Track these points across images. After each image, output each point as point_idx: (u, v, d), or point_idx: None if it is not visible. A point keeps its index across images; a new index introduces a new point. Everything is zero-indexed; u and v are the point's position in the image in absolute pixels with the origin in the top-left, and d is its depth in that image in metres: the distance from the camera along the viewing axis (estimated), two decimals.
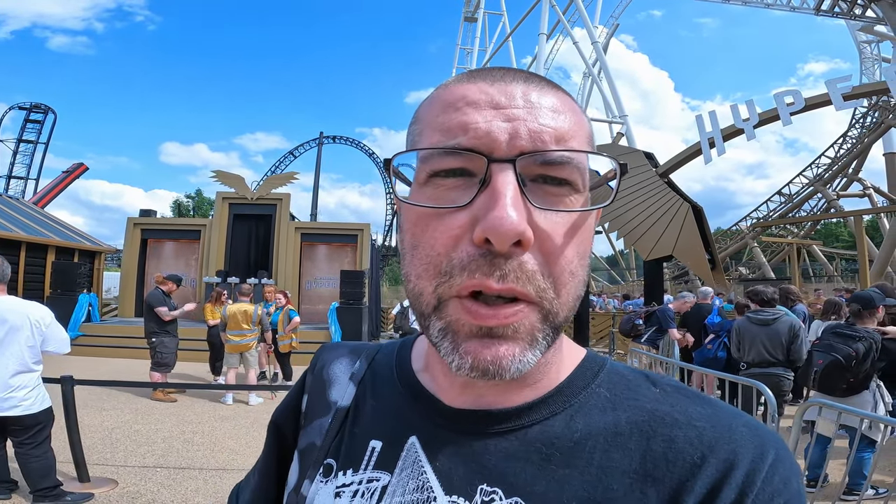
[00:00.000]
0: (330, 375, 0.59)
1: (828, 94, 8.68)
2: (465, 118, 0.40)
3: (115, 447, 4.70)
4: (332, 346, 0.64)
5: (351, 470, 0.50)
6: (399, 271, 9.03)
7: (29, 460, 3.32)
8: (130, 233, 13.58)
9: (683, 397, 0.45)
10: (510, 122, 0.40)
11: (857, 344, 3.49)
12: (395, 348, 0.59)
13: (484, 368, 0.39)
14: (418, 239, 0.42)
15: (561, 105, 0.43)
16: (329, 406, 0.56)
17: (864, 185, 28.99)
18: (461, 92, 0.42)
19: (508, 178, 0.38)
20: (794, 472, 0.41)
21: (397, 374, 0.54)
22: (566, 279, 0.40)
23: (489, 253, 0.38)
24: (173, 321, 6.91)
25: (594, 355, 0.51)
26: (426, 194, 0.41)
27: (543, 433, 0.44)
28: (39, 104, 33.75)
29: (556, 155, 0.39)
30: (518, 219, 0.37)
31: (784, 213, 30.86)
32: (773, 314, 4.46)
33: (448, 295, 0.40)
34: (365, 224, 14.34)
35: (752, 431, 0.42)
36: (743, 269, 33.60)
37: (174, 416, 5.92)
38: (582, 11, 28.78)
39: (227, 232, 13.39)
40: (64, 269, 11.44)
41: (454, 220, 0.39)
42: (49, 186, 33.71)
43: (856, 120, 29.40)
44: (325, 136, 44.68)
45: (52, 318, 3.41)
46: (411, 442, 0.48)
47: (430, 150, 0.41)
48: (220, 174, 13.84)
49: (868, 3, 17.85)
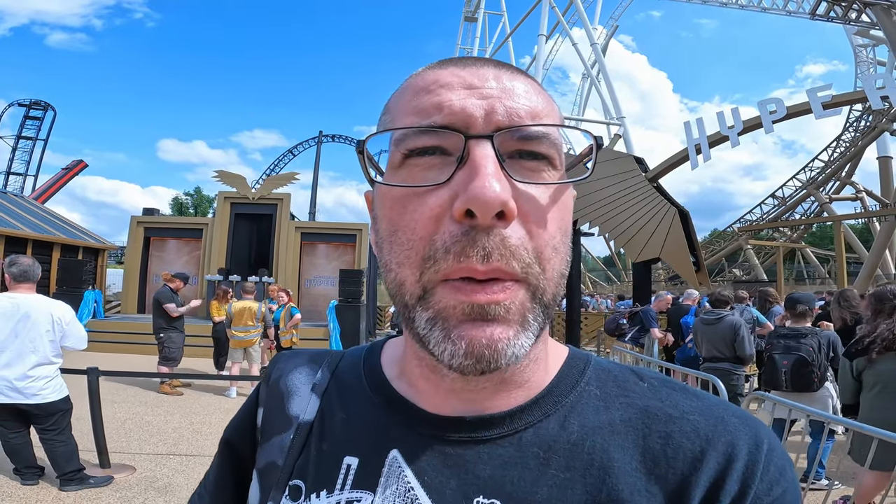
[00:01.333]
0: (288, 387, 0.54)
1: (808, 103, 9.04)
2: (438, 98, 0.40)
3: (129, 437, 5.01)
4: (288, 354, 0.59)
5: (325, 491, 0.46)
6: None
7: (54, 446, 3.63)
8: (134, 231, 13.85)
9: (672, 391, 0.45)
10: (485, 100, 0.40)
11: (808, 340, 3.81)
12: (360, 354, 0.55)
13: (479, 353, 0.37)
14: (396, 223, 0.40)
15: (532, 89, 0.43)
16: (289, 421, 0.51)
17: (856, 189, 29.33)
18: (433, 77, 0.42)
19: (487, 152, 0.37)
20: (788, 461, 0.42)
21: (368, 382, 0.51)
22: (549, 254, 0.40)
23: (471, 229, 0.37)
24: (180, 317, 7.25)
25: (577, 352, 0.50)
26: (402, 176, 0.40)
27: (538, 436, 0.43)
28: (39, 101, 33.85)
29: (533, 130, 0.39)
30: (501, 188, 0.36)
31: (777, 215, 31.20)
32: (718, 315, 4.82)
33: (434, 281, 0.38)
34: (363, 224, 14.61)
35: (742, 422, 0.42)
36: (737, 271, 33.99)
37: (182, 408, 6.24)
38: (581, 13, 29.05)
39: (229, 230, 13.67)
40: (70, 266, 11.72)
41: (433, 198, 0.38)
42: (48, 183, 33.88)
43: (850, 123, 29.71)
44: (324, 134, 44.90)
45: (72, 317, 3.73)
46: (393, 456, 0.45)
47: (404, 129, 0.40)
48: (223, 174, 14.11)
49: (862, 8, 18.04)
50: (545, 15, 30.42)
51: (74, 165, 35.15)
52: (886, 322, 3.09)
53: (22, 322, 3.49)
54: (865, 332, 3.19)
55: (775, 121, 9.28)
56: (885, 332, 3.04)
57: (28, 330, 3.51)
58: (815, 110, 8.97)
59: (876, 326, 3.13)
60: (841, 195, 29.89)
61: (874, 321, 3.18)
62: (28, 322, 3.51)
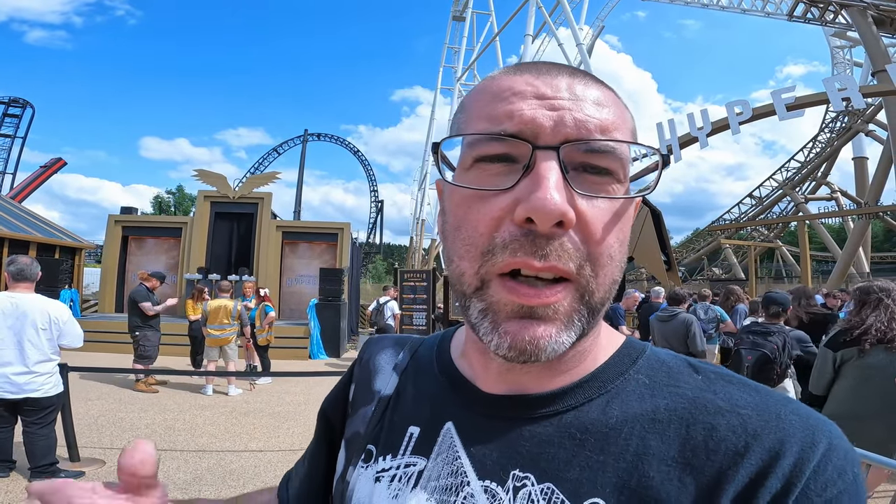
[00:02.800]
0: (375, 366, 0.61)
1: (773, 105, 9.31)
2: (510, 106, 0.41)
3: (101, 432, 5.06)
4: (377, 338, 0.66)
5: (390, 455, 0.51)
6: (383, 268, 9.78)
7: (37, 439, 3.70)
8: (111, 230, 13.74)
9: (728, 384, 0.44)
10: (555, 111, 0.41)
11: (773, 338, 3.94)
12: (437, 339, 0.60)
13: (522, 348, 0.40)
14: (461, 220, 0.43)
15: (605, 98, 0.44)
16: (373, 395, 0.58)
17: (831, 189, 30.01)
18: (507, 83, 0.43)
19: (552, 164, 0.39)
20: (851, 462, 0.39)
21: (437, 363, 0.56)
22: (605, 262, 0.41)
23: (531, 233, 0.39)
24: (156, 315, 7.28)
25: (633, 341, 0.51)
26: (470, 178, 0.42)
27: (578, 419, 0.44)
28: (18, 98, 33.30)
29: (600, 144, 0.40)
30: (561, 200, 0.38)
31: (755, 215, 31.77)
32: (672, 312, 5.03)
33: (490, 274, 0.41)
34: (345, 223, 14.66)
35: (802, 419, 0.40)
36: (716, 270, 34.58)
37: (156, 405, 6.28)
38: (567, 13, 29.21)
39: (209, 230, 13.62)
40: (46, 265, 11.59)
41: (497, 202, 0.40)
42: (26, 181, 33.31)
43: (826, 124, 30.32)
44: (309, 133, 44.74)
45: (69, 316, 3.82)
46: (447, 428, 0.49)
47: (475, 135, 0.42)
48: (202, 173, 14.05)
49: (839, 10, 18.30)
50: (532, 15, 30.55)
51: (53, 163, 34.58)
52: (875, 314, 3.10)
53: (20, 320, 3.58)
54: (854, 323, 3.17)
55: (742, 122, 9.51)
56: (878, 325, 3.05)
57: (26, 328, 3.59)
58: (779, 112, 9.20)
59: (864, 318, 3.13)
60: (816, 195, 30.55)
61: (859, 313, 3.19)
62: (26, 320, 3.59)
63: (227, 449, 4.77)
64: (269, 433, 5.30)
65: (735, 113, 9.40)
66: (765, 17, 23.45)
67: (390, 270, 42.41)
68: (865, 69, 24.15)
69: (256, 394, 7.16)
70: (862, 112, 24.30)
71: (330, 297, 11.45)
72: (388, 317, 9.43)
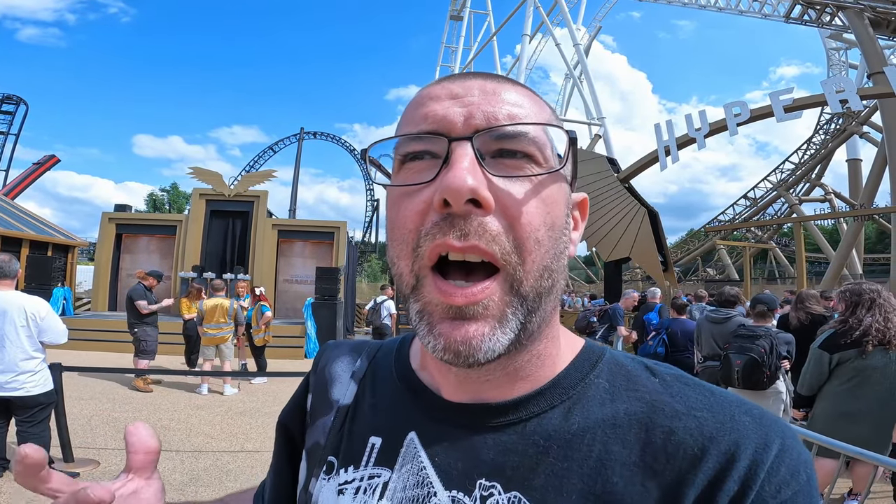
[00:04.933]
0: (332, 374, 0.60)
1: (771, 106, 9.34)
2: (426, 109, 0.44)
3: (94, 432, 5.00)
4: (333, 344, 0.65)
5: (352, 467, 0.50)
6: (378, 267, 9.69)
7: (28, 437, 3.64)
8: (105, 227, 13.61)
9: (684, 386, 0.45)
10: (466, 107, 0.43)
11: (761, 341, 3.96)
12: (395, 346, 0.60)
13: (455, 350, 0.40)
14: (393, 221, 0.44)
15: (518, 94, 0.45)
16: (331, 405, 0.57)
17: (825, 190, 30.18)
18: (427, 91, 0.46)
19: (465, 151, 0.41)
20: (803, 463, 0.40)
21: (396, 370, 0.55)
22: (531, 246, 0.41)
23: (449, 216, 0.40)
24: (153, 314, 7.23)
25: (592, 345, 0.51)
26: (399, 179, 0.44)
27: (541, 426, 0.44)
28: (12, 95, 32.98)
29: (509, 129, 0.42)
30: (472, 179, 0.39)
31: (749, 216, 31.92)
32: (726, 314, 5.03)
33: (423, 269, 0.42)
34: (342, 221, 14.60)
35: (755, 421, 0.41)
36: (711, 271, 34.74)
37: (150, 405, 6.22)
38: (565, 13, 29.25)
39: (204, 228, 13.52)
40: (39, 262, 11.50)
41: (420, 195, 0.42)
42: (19, 178, 33.00)
43: (820, 126, 30.50)
44: (305, 131, 44.55)
45: (48, 311, 3.73)
46: (410, 437, 0.49)
47: (398, 137, 0.44)
48: (198, 171, 13.96)
49: (835, 12, 18.33)
50: (530, 15, 30.57)
51: (46, 160, 34.27)
52: (871, 315, 3.08)
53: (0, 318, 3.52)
54: (851, 324, 3.14)
55: (739, 123, 9.55)
56: (877, 325, 3.03)
57: (6, 325, 3.53)
58: (776, 113, 9.26)
59: (860, 319, 3.10)
60: (810, 196, 30.71)
61: (853, 314, 3.16)
62: (5, 318, 3.53)
63: (224, 449, 4.72)
64: (265, 433, 5.26)
65: (733, 114, 9.44)
66: (761, 19, 23.55)
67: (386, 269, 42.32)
68: (861, 71, 24.27)
69: (252, 393, 7.11)
70: (856, 114, 24.44)
71: (326, 297, 11.40)
72: (385, 316, 9.40)
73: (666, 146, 10.25)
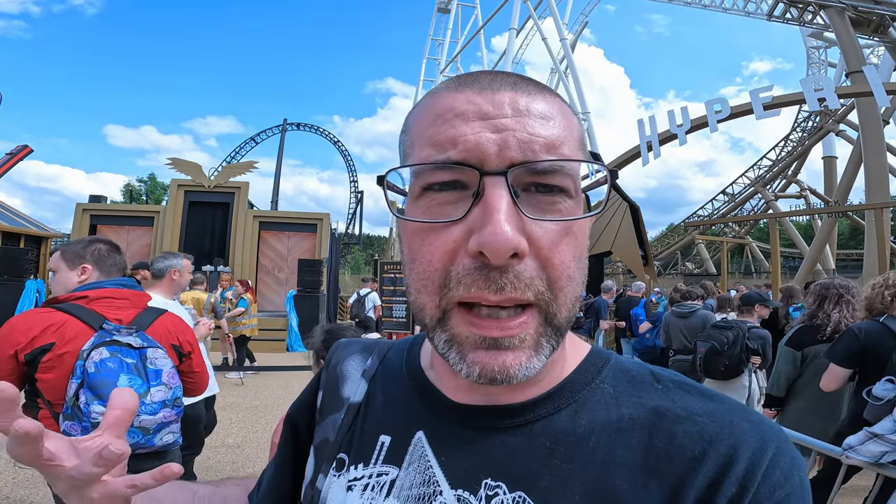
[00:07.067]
0: (343, 372, 0.61)
1: (751, 104, 9.48)
2: (453, 131, 0.41)
3: None
4: (345, 343, 0.66)
5: (362, 464, 0.51)
6: (362, 259, 9.66)
7: None
8: (79, 218, 13.24)
9: (685, 393, 0.46)
10: (499, 133, 0.40)
11: (728, 332, 4.03)
12: (406, 345, 0.60)
13: (492, 377, 0.40)
14: (415, 253, 0.42)
15: (550, 110, 0.43)
16: (342, 402, 0.58)
17: (800, 187, 30.85)
18: (449, 102, 0.43)
19: (501, 193, 0.39)
20: (796, 466, 0.41)
21: (406, 370, 0.56)
22: (563, 283, 0.41)
23: (485, 266, 0.39)
24: None
25: (598, 350, 0.52)
26: (421, 208, 0.42)
27: (548, 428, 0.45)
28: None
29: (546, 164, 0.40)
30: (512, 233, 0.37)
31: (727, 212, 32.50)
32: (691, 308, 5.12)
33: (450, 304, 0.41)
34: (325, 213, 14.46)
35: (753, 426, 0.42)
36: (689, 265, 35.35)
37: None
38: (553, 8, 29.23)
39: (182, 220, 13.28)
40: (11, 254, 11.18)
41: (450, 233, 0.40)
42: None
43: (797, 123, 31.09)
44: (289, 122, 43.92)
45: None
46: (418, 437, 0.49)
47: (421, 165, 0.41)
48: (176, 161, 13.68)
49: (817, 11, 18.58)
50: (517, 9, 30.54)
51: (19, 150, 33.05)
52: (837, 310, 3.09)
53: None
54: (821, 320, 3.15)
55: (720, 120, 9.69)
56: (845, 322, 3.03)
57: None
58: (756, 111, 9.40)
59: (829, 314, 3.12)
60: (786, 193, 31.37)
61: (821, 308, 3.18)
62: None
63: (208, 445, 4.65)
64: (246, 427, 5.20)
65: (714, 111, 9.56)
66: (744, 16, 23.83)
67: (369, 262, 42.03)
68: (839, 70, 24.72)
69: (232, 387, 7.02)
70: (834, 112, 24.95)
71: (308, 289, 11.30)
72: (369, 309, 9.33)
73: (648, 141, 10.37)
